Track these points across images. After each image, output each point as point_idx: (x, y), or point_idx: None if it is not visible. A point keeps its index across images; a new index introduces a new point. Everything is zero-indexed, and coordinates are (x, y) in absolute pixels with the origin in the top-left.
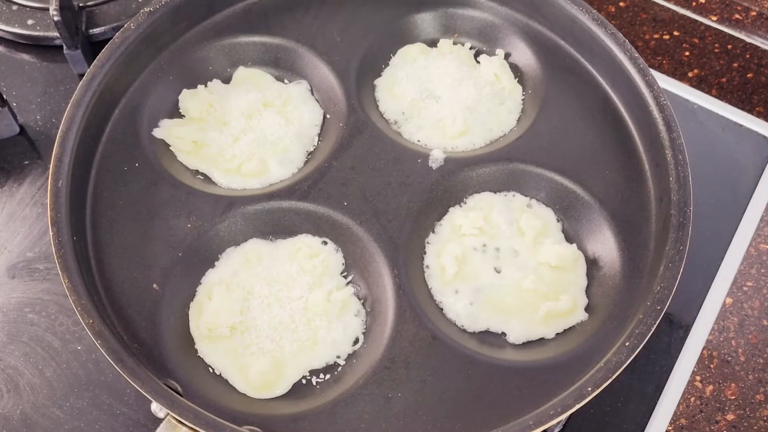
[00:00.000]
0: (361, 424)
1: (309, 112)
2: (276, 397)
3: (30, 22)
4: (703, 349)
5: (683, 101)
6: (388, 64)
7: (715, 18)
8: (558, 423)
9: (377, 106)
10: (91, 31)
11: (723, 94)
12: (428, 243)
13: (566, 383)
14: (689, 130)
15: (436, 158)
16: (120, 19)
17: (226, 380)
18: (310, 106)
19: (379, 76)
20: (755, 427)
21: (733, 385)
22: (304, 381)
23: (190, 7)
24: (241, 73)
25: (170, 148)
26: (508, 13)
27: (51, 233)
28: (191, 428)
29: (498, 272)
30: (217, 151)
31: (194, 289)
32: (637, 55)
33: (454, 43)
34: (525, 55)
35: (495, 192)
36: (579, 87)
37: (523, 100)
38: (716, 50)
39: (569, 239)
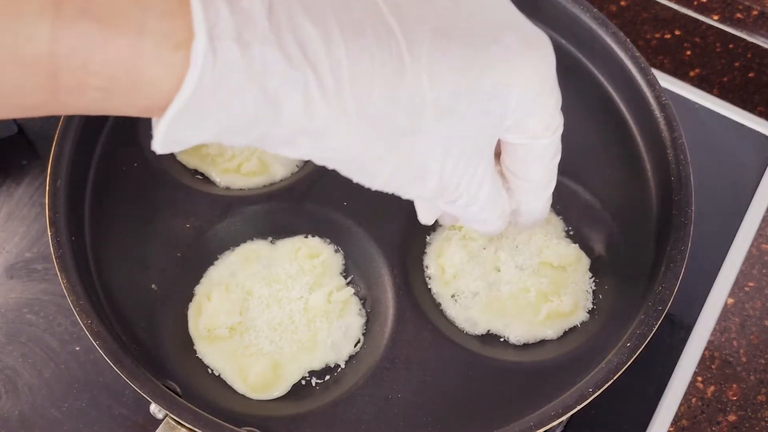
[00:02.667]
0: (361, 425)
1: None
2: (275, 399)
3: None
4: (704, 350)
5: (684, 100)
6: None
7: (716, 17)
8: (559, 424)
9: None
10: None
11: (724, 94)
12: (428, 243)
13: (567, 384)
14: (690, 130)
15: None
16: None
17: (225, 381)
18: None
19: None
20: (757, 428)
21: (734, 385)
22: (303, 382)
23: None
24: None
25: None
26: None
27: (49, 233)
28: (190, 429)
29: (498, 272)
30: (217, 151)
31: (193, 289)
32: (638, 54)
33: None
34: None
35: None
36: (580, 86)
37: None
38: (718, 49)
39: (570, 239)
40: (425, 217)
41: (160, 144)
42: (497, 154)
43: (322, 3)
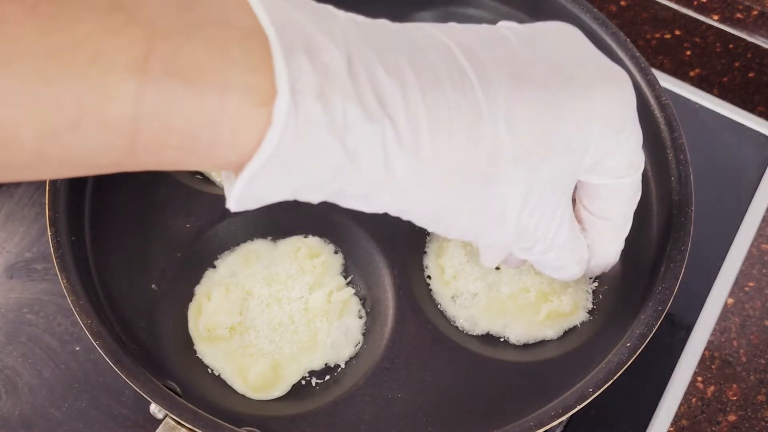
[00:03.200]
0: (361, 425)
1: None
2: (275, 399)
3: None
4: (704, 350)
5: (684, 100)
6: None
7: (716, 17)
8: (559, 424)
9: None
10: None
11: (724, 94)
12: (428, 243)
13: (567, 384)
14: (690, 130)
15: None
16: None
17: (225, 381)
18: None
19: None
20: (757, 428)
21: (734, 385)
22: (303, 382)
23: None
24: None
25: None
26: (509, 11)
27: (49, 233)
28: (190, 429)
29: (499, 273)
30: None
31: (193, 289)
32: (638, 54)
33: None
34: None
35: None
36: None
37: None
38: (717, 49)
39: None
40: (489, 260)
41: (235, 202)
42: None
43: (397, 52)
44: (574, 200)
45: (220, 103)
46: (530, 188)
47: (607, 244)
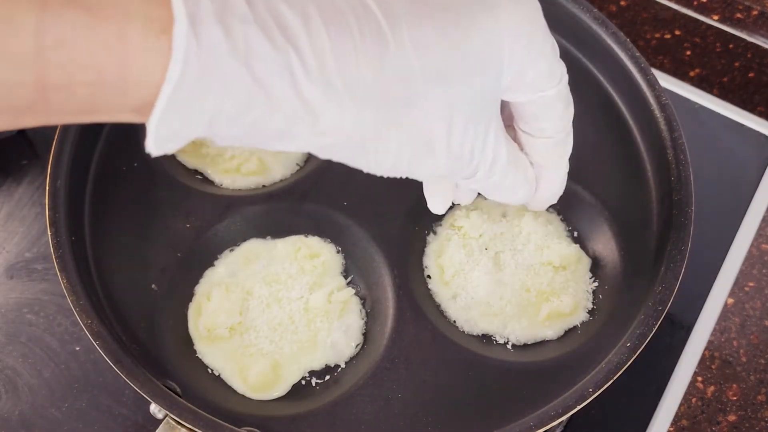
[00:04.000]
0: (361, 425)
1: None
2: (275, 399)
3: None
4: (704, 350)
5: (684, 100)
6: None
7: (716, 17)
8: (559, 424)
9: None
10: None
11: (724, 94)
12: (428, 243)
13: (567, 384)
14: (690, 130)
15: None
16: None
17: (225, 381)
18: None
19: None
20: (757, 428)
21: (734, 385)
22: (303, 382)
23: None
24: None
25: None
26: None
27: (49, 233)
28: (190, 429)
29: (499, 272)
30: (216, 151)
31: (193, 289)
32: (638, 54)
33: None
34: None
35: None
36: (580, 86)
37: None
38: (717, 49)
39: (570, 239)
40: (436, 206)
41: (153, 143)
42: (509, 126)
43: None
44: (511, 126)
45: (121, 33)
46: (451, 109)
47: (550, 165)
